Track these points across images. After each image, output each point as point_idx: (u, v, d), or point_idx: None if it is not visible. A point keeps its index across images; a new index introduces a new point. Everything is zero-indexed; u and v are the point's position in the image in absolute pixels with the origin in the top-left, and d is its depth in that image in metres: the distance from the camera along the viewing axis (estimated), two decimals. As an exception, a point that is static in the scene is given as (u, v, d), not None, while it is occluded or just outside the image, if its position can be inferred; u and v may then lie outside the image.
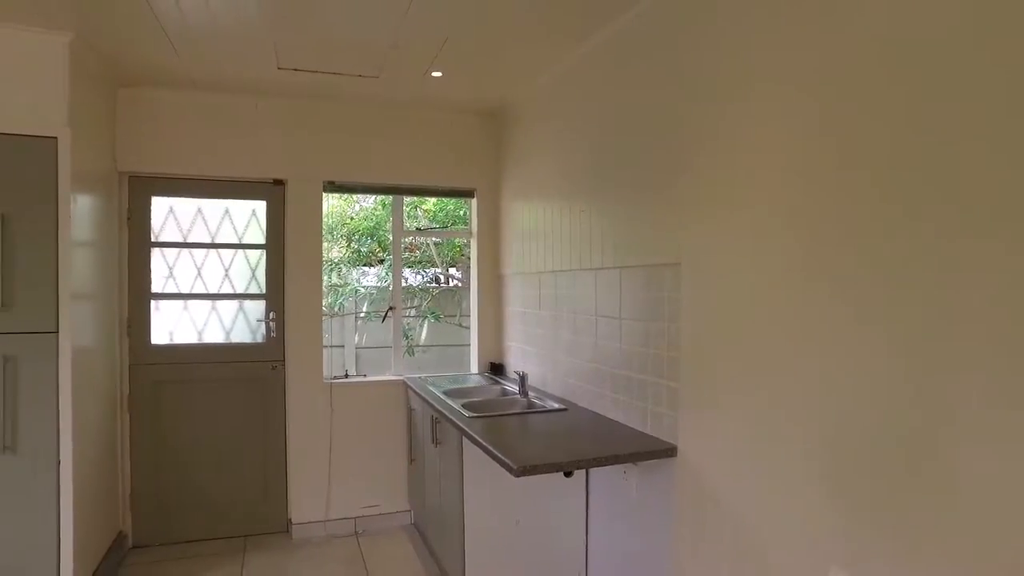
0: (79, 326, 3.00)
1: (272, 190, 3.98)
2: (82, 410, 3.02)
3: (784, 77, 1.88)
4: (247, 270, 4.01)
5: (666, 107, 2.45)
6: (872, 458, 1.60)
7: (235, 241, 4.00)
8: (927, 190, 1.45)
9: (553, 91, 3.45)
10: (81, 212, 3.03)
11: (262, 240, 4.00)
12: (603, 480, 2.90)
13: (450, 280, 7.26)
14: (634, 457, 2.38)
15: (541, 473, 2.26)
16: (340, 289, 6.85)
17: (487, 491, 2.91)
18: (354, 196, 6.71)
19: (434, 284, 7.28)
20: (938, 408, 1.43)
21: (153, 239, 3.84)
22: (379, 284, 7.06)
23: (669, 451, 2.37)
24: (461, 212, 6.54)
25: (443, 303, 7.13)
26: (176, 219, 3.92)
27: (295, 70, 3.36)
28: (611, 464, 2.44)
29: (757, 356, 1.98)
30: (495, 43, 3.05)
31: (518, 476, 2.20)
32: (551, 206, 3.48)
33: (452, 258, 7.29)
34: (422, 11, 2.64)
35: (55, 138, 2.83)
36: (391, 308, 4.37)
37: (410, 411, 4.05)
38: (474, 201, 4.38)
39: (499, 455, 2.32)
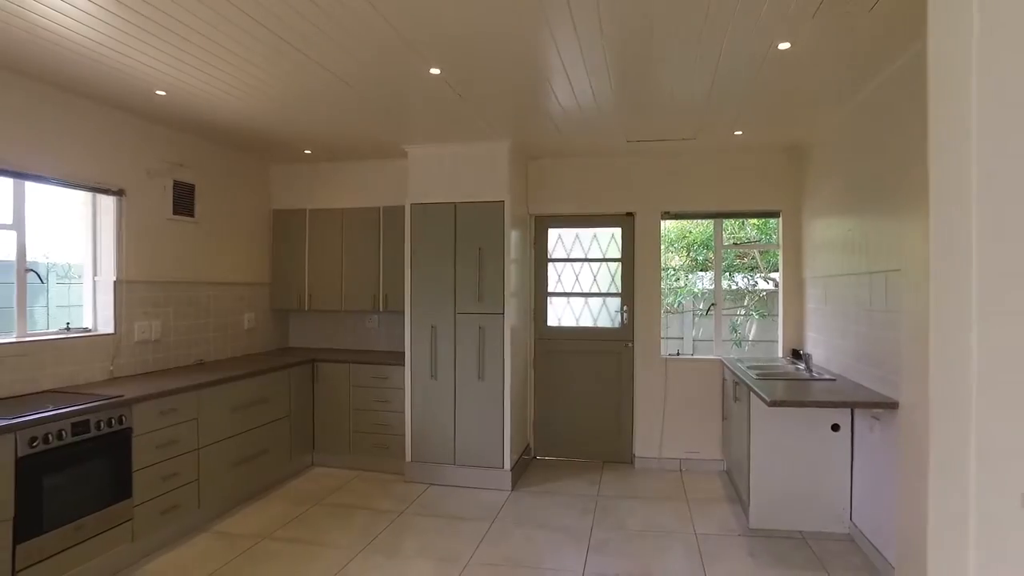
0: (512, 312, 5.02)
1: (625, 220, 5.65)
2: (513, 362, 5.05)
3: None
4: (608, 276, 5.75)
5: (910, 140, 3.36)
6: None
7: (600, 256, 5.78)
8: None
9: (832, 132, 4.41)
10: (512, 242, 5.05)
11: (618, 255, 5.70)
12: (862, 433, 3.82)
13: (771, 283, 8.16)
14: (856, 404, 3.35)
15: (788, 406, 3.40)
16: (679, 290, 8.32)
17: (770, 436, 4.03)
18: (690, 215, 8.07)
19: (756, 287, 8.27)
20: None
21: (548, 257, 5.83)
22: (711, 287, 8.34)
23: (892, 405, 3.27)
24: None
25: (768, 303, 8.08)
26: (562, 242, 5.86)
27: (638, 141, 4.96)
28: (840, 407, 3.43)
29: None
30: (781, 109, 4.17)
31: (770, 406, 3.38)
32: (831, 223, 4.44)
33: (774, 264, 8.18)
34: (720, 104, 3.97)
35: (502, 201, 4.92)
36: (712, 304, 5.67)
37: (723, 382, 5.31)
38: (779, 220, 5.43)
39: (759, 392, 3.53)
